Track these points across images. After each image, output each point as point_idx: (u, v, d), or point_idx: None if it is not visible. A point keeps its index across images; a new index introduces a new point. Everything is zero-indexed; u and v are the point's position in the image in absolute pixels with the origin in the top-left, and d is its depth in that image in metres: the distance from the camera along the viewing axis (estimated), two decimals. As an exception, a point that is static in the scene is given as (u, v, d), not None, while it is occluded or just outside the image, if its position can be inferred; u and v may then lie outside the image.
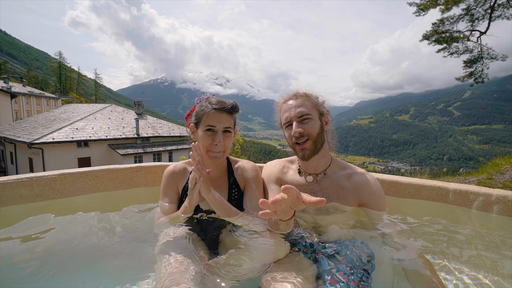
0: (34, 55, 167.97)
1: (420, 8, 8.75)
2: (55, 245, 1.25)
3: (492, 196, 1.38)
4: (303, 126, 1.21)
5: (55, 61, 61.76)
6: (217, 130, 1.20)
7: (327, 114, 1.30)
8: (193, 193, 1.14)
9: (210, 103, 1.24)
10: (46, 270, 1.10)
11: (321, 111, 1.27)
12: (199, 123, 1.24)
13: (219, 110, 1.21)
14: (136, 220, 1.46)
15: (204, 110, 1.23)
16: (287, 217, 0.98)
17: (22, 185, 1.53)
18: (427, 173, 6.02)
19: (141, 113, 22.85)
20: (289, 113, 1.24)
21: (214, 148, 1.21)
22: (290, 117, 1.23)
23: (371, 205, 1.24)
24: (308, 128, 1.21)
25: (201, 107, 1.25)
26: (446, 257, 1.19)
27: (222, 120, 1.21)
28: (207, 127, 1.20)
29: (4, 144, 19.54)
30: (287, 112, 1.25)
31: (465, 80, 9.46)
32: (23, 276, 1.05)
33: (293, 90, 1.30)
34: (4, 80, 36.89)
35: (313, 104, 1.25)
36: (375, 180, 1.28)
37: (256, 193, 1.32)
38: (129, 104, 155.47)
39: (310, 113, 1.22)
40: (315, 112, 1.24)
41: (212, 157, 1.22)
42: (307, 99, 1.25)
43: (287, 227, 1.07)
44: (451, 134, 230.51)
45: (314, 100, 1.26)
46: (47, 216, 1.53)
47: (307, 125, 1.21)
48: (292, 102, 1.25)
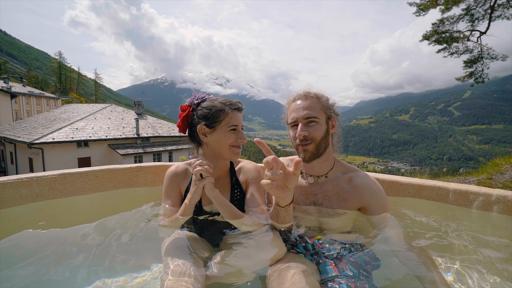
0: (34, 55, 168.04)
1: (420, 8, 8.75)
2: (55, 245, 1.25)
3: (492, 196, 1.38)
4: (308, 129, 1.20)
5: (55, 61, 61.80)
6: (239, 129, 1.26)
7: (335, 118, 1.28)
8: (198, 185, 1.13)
9: (225, 104, 1.25)
10: (46, 270, 1.10)
11: (329, 115, 1.25)
12: (217, 124, 1.23)
13: (237, 110, 1.26)
14: (136, 220, 1.46)
15: (224, 111, 1.23)
16: (285, 201, 1.02)
17: (22, 185, 1.53)
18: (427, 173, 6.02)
19: (141, 113, 22.86)
20: (296, 114, 1.23)
21: (238, 144, 1.26)
22: (297, 118, 1.22)
23: (373, 207, 1.24)
24: (313, 131, 1.20)
25: (216, 108, 1.24)
26: (446, 257, 1.19)
27: (241, 118, 1.28)
28: (232, 127, 1.23)
29: (4, 144, 19.54)
30: (294, 112, 1.24)
31: (465, 80, 9.46)
32: (23, 276, 1.05)
33: (304, 90, 1.27)
34: (4, 80, 36.86)
35: (322, 107, 1.23)
36: (377, 183, 1.27)
37: (258, 194, 1.32)
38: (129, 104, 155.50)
39: (317, 116, 1.20)
40: (323, 116, 1.22)
41: (237, 152, 1.27)
42: (317, 101, 1.23)
43: (287, 215, 1.09)
44: (451, 134, 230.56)
45: (324, 103, 1.24)
46: (47, 216, 1.53)
47: (312, 129, 1.20)
48: (300, 103, 1.24)
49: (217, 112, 1.23)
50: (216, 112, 1.23)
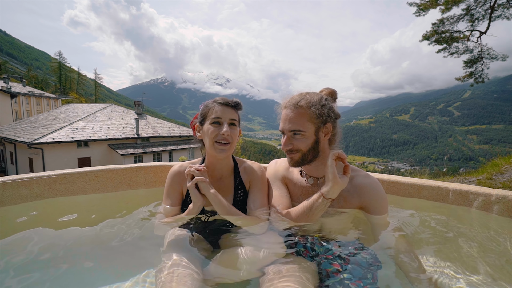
0: (34, 55, 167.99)
1: (420, 8, 8.75)
2: (55, 245, 1.25)
3: (492, 196, 1.38)
4: (294, 141, 1.21)
5: (55, 61, 61.78)
6: (223, 122, 1.23)
7: (330, 124, 1.22)
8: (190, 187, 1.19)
9: (215, 101, 1.29)
10: (46, 270, 1.10)
11: (318, 125, 1.20)
12: (205, 120, 1.27)
13: (224, 104, 1.26)
14: (136, 220, 1.46)
15: (209, 106, 1.28)
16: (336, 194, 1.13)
17: (22, 185, 1.53)
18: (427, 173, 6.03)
19: (141, 113, 22.85)
20: (282, 125, 1.24)
21: (221, 139, 1.23)
22: (283, 129, 1.24)
23: (373, 207, 1.24)
24: (298, 144, 1.20)
25: (206, 106, 1.30)
26: (446, 257, 1.18)
27: (227, 113, 1.25)
28: (214, 120, 1.23)
29: (4, 144, 19.53)
30: (282, 122, 1.25)
31: (465, 80, 9.46)
32: (23, 276, 1.05)
33: (295, 97, 1.23)
34: (4, 80, 36.87)
35: (310, 119, 1.18)
36: (377, 183, 1.27)
37: (261, 195, 1.32)
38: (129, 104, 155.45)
39: (303, 129, 1.18)
40: (310, 128, 1.18)
41: (219, 149, 1.23)
42: (305, 113, 1.18)
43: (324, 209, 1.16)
44: (451, 134, 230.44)
45: (315, 113, 1.18)
46: (47, 216, 1.53)
47: (298, 141, 1.20)
48: (288, 112, 1.21)
49: (205, 108, 1.29)
50: (205, 108, 1.29)
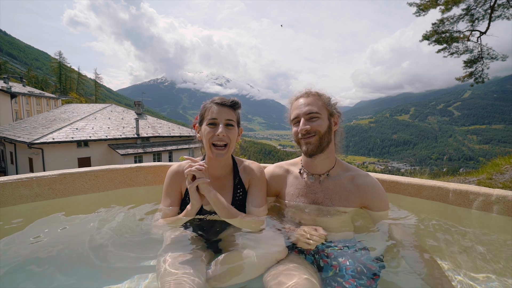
0: (34, 55, 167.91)
1: (420, 8, 8.75)
2: (55, 245, 1.25)
3: (492, 196, 1.38)
4: (310, 123, 1.23)
5: (55, 61, 61.78)
6: (218, 123, 1.23)
7: (337, 116, 1.31)
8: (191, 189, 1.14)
9: (212, 101, 1.29)
10: (46, 270, 1.10)
11: (331, 111, 1.28)
12: (203, 121, 1.28)
13: (220, 105, 1.25)
14: (136, 220, 1.46)
15: (206, 107, 1.28)
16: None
17: (22, 185, 1.53)
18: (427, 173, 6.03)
19: (141, 113, 22.84)
20: (298, 111, 1.27)
21: (217, 141, 1.21)
22: (299, 114, 1.26)
23: (374, 207, 1.25)
24: (316, 126, 1.23)
25: (204, 107, 1.30)
26: (446, 257, 1.18)
27: (223, 113, 1.23)
28: (210, 121, 1.23)
29: (4, 144, 19.53)
30: (297, 109, 1.28)
31: (465, 80, 9.46)
32: (23, 276, 1.06)
33: (306, 89, 1.32)
34: (4, 80, 36.87)
35: (324, 104, 1.27)
36: (378, 183, 1.29)
37: (260, 194, 1.32)
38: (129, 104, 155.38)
39: (319, 112, 1.24)
40: (325, 112, 1.26)
41: (216, 153, 1.22)
42: (318, 99, 1.27)
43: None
44: (451, 134, 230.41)
45: (325, 100, 1.28)
46: (47, 216, 1.52)
47: (315, 123, 1.23)
48: (302, 100, 1.28)
49: (203, 109, 1.30)
50: (203, 109, 1.30)
